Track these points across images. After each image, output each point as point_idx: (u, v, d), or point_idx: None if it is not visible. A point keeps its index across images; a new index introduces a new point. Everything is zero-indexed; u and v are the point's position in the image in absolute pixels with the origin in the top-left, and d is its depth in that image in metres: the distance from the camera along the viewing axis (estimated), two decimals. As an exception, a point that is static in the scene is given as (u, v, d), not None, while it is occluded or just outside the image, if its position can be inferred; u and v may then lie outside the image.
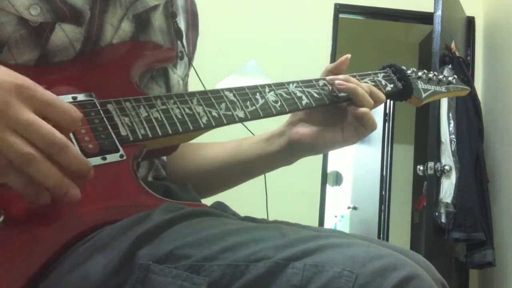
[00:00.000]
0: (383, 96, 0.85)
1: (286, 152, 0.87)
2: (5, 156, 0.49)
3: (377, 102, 0.84)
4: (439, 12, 2.77)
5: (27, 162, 0.49)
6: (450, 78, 1.04)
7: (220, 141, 0.95)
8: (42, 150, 0.50)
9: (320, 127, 0.84)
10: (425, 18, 3.35)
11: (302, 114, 0.86)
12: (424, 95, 0.97)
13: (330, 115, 0.85)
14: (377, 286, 0.46)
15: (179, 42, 0.84)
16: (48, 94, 0.53)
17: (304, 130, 0.85)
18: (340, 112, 0.84)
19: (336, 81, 0.82)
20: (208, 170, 0.91)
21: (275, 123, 0.90)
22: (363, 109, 0.80)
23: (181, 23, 0.86)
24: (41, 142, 0.50)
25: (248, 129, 0.93)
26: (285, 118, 0.89)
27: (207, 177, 0.91)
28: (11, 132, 0.49)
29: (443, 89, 1.01)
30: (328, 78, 0.84)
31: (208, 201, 0.79)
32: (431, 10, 2.85)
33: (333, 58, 3.37)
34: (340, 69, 0.87)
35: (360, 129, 0.82)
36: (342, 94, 0.84)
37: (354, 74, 0.90)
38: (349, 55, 0.88)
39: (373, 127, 0.81)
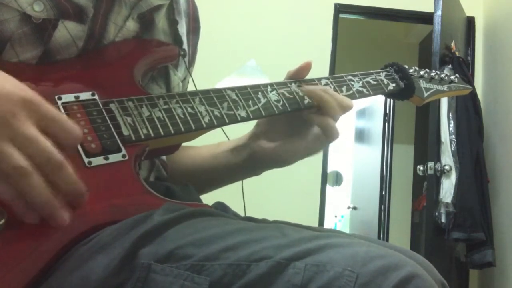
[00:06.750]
0: (351, 104, 0.82)
1: (250, 165, 0.86)
2: None
3: (345, 110, 0.80)
4: (439, 12, 2.78)
5: (20, 175, 0.48)
6: (452, 77, 1.03)
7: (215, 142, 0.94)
8: (38, 166, 0.50)
9: (283, 139, 0.82)
10: (425, 18, 3.36)
11: (265, 125, 0.84)
12: (426, 94, 0.96)
13: (293, 125, 0.82)
14: (378, 286, 0.46)
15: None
16: (53, 111, 0.52)
17: (266, 143, 0.83)
18: (303, 121, 0.81)
19: (303, 87, 0.79)
20: (183, 174, 0.90)
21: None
22: (326, 118, 0.77)
23: (183, 27, 0.86)
24: (38, 158, 0.49)
25: (225, 134, 0.91)
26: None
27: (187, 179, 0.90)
28: (10, 143, 0.48)
29: (445, 88, 1.01)
30: (304, 89, 0.80)
31: (209, 201, 0.79)
32: (431, 10, 2.85)
33: (333, 58, 3.37)
34: (301, 74, 0.84)
35: (321, 138, 0.79)
36: (307, 100, 0.81)
37: (357, 73, 0.89)
38: (310, 61, 0.84)
39: (335, 136, 0.78)
